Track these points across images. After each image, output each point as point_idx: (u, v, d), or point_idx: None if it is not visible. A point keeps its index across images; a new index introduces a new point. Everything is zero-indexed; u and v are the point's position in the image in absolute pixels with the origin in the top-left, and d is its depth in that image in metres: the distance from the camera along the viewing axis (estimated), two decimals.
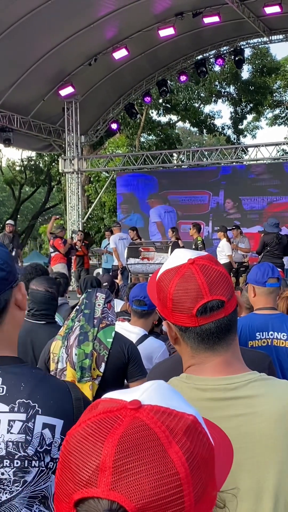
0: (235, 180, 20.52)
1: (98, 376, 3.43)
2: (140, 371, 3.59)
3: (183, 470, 0.71)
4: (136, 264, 14.41)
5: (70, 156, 21.61)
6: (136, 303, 4.19)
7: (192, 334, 1.52)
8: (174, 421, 0.74)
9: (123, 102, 22.49)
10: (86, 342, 3.44)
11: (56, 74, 19.14)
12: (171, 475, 0.70)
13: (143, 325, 4.25)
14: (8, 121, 19.26)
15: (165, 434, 0.72)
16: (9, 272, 1.56)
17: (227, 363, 1.52)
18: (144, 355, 3.82)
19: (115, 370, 3.51)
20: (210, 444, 0.79)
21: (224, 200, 20.71)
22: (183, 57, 21.70)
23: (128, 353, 3.56)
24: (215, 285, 1.50)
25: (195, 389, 1.50)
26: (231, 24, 19.10)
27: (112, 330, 3.56)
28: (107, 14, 16.99)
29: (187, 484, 0.70)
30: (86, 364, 3.40)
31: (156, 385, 0.80)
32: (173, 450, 0.71)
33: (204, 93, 33.17)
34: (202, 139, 46.67)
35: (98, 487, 0.69)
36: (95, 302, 3.63)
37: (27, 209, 47.49)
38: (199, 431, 0.77)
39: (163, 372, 2.35)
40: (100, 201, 26.15)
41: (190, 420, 0.76)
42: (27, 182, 39.12)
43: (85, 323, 3.52)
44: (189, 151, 22.33)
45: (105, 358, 3.45)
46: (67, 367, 3.43)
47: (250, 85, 32.46)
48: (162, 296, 1.57)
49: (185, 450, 0.72)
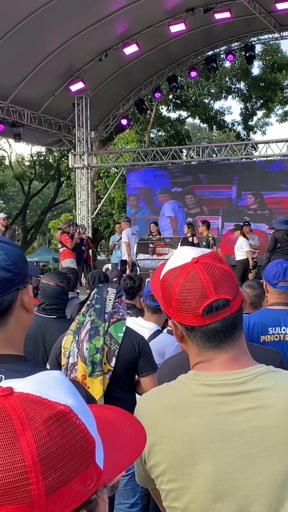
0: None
1: (109, 370, 3.45)
2: (150, 365, 3.60)
3: (30, 457, 0.70)
4: (145, 260, 14.43)
5: (80, 151, 21.61)
6: (150, 298, 4.19)
7: (198, 333, 1.52)
8: (38, 410, 0.74)
9: (133, 97, 22.46)
10: (97, 337, 3.46)
11: (67, 69, 19.14)
12: (16, 461, 0.70)
13: (156, 321, 4.26)
14: (19, 116, 19.29)
15: (22, 421, 0.72)
16: (17, 274, 1.56)
17: (234, 358, 1.53)
18: (156, 350, 3.84)
19: (126, 365, 3.53)
20: (83, 436, 0.76)
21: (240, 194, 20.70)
22: (194, 53, 21.64)
23: (139, 348, 3.57)
24: (220, 284, 1.50)
25: (203, 385, 1.51)
26: (242, 20, 19.03)
27: (123, 325, 3.58)
28: (118, 9, 16.96)
29: (34, 472, 0.70)
30: (97, 358, 3.42)
31: (42, 375, 0.80)
32: (25, 437, 0.71)
33: (214, 89, 33.08)
34: (212, 135, 46.56)
35: None
36: (106, 297, 3.65)
37: (36, 204, 47.54)
38: (68, 422, 0.75)
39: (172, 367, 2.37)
40: (110, 196, 26.15)
41: (58, 410, 0.75)
42: (37, 177, 39.18)
43: (96, 318, 3.54)
44: (199, 147, 22.30)
45: (116, 353, 3.47)
46: (78, 362, 3.46)
47: (261, 81, 32.32)
48: (167, 295, 1.57)
49: (39, 438, 0.72)
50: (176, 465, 1.47)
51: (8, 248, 1.59)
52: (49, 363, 3.72)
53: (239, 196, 20.59)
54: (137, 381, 3.67)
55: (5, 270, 1.54)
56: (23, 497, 0.69)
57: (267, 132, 38.69)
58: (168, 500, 1.52)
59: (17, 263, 1.57)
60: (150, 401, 1.62)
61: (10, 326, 1.56)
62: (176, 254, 1.61)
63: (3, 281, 1.53)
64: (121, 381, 3.54)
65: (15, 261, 1.57)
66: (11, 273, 1.55)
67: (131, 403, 3.59)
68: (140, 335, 3.71)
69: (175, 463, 1.47)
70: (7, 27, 15.82)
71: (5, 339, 1.56)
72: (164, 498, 1.54)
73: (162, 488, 1.53)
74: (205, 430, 1.46)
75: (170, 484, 1.49)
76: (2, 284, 1.53)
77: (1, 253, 1.56)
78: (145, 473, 1.61)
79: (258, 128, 37.92)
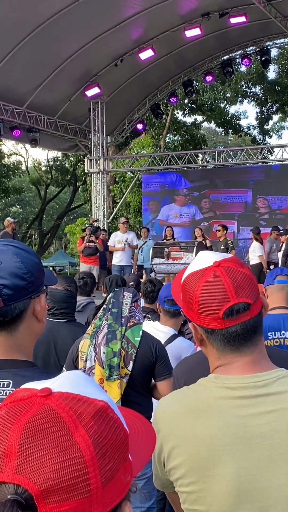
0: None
1: (126, 374, 3.46)
2: (167, 370, 3.60)
3: (88, 452, 0.72)
4: (161, 264, 14.43)
5: (96, 156, 21.68)
6: (169, 302, 4.19)
7: (218, 336, 1.53)
8: (83, 407, 0.76)
9: (149, 102, 22.49)
10: (114, 341, 3.47)
11: (83, 74, 19.23)
12: (75, 457, 0.72)
13: (173, 325, 4.27)
14: (35, 121, 19.39)
15: (72, 419, 0.74)
16: (31, 282, 1.56)
17: (254, 362, 1.53)
18: (173, 355, 3.84)
19: (142, 369, 3.53)
20: (122, 430, 0.79)
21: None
22: (209, 58, 21.62)
23: (156, 352, 3.58)
24: (241, 288, 1.51)
25: (224, 388, 1.51)
26: (258, 24, 18.99)
27: (140, 329, 3.59)
28: (133, 15, 17.02)
29: (92, 466, 0.72)
30: (114, 362, 3.43)
31: (69, 375, 0.82)
32: (79, 434, 0.73)
33: (229, 93, 33.04)
34: (227, 139, 46.49)
35: (4, 472, 0.71)
36: (123, 301, 3.66)
37: (53, 209, 47.75)
38: (109, 416, 0.78)
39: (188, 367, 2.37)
40: (125, 201, 26.19)
41: (100, 406, 0.77)
42: (53, 182, 39.35)
43: (113, 322, 3.55)
44: (215, 152, 22.27)
45: (133, 357, 3.47)
46: (95, 366, 3.47)
47: (276, 85, 32.22)
48: (188, 298, 1.58)
49: (92, 433, 0.74)
50: (197, 468, 1.47)
51: (25, 255, 1.58)
52: (66, 367, 3.73)
53: (254, 201, 20.53)
54: (153, 385, 3.68)
55: (19, 278, 1.54)
56: (84, 491, 0.71)
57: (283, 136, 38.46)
58: (187, 502, 1.52)
59: (32, 271, 1.57)
60: (171, 404, 1.62)
61: (20, 333, 1.57)
62: (198, 258, 1.63)
63: (16, 288, 1.53)
64: (138, 385, 3.55)
65: (30, 269, 1.56)
66: (25, 282, 1.54)
67: (147, 407, 3.60)
68: (156, 339, 3.71)
69: (196, 466, 1.47)
70: (23, 33, 15.93)
71: (14, 345, 1.56)
72: (184, 501, 1.53)
73: (181, 490, 1.53)
74: (226, 433, 1.46)
75: (190, 487, 1.49)
76: (14, 291, 1.53)
77: (18, 260, 1.55)
78: (163, 476, 1.62)
79: (274, 132, 37.87)
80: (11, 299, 1.52)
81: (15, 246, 1.59)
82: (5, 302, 1.51)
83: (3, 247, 1.57)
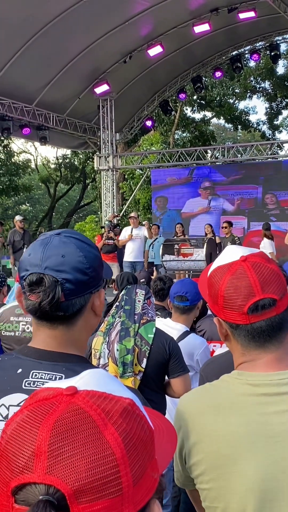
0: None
1: (139, 371, 3.45)
2: (181, 367, 3.59)
3: (119, 450, 0.71)
4: (171, 261, 14.41)
5: (105, 153, 21.69)
6: (178, 299, 4.18)
7: (242, 331, 1.52)
8: (110, 404, 0.75)
9: (158, 99, 22.47)
10: (127, 338, 3.46)
11: (91, 72, 19.22)
12: (106, 455, 0.70)
13: (185, 322, 4.25)
14: (44, 119, 19.42)
15: (101, 417, 0.73)
16: (92, 277, 1.53)
17: (278, 359, 1.52)
18: (185, 351, 3.82)
19: (156, 366, 3.52)
20: (148, 427, 0.79)
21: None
22: (218, 53, 21.57)
23: (169, 349, 3.57)
24: (267, 283, 1.49)
25: (247, 384, 1.50)
26: (267, 19, 18.89)
27: (153, 326, 3.58)
28: (142, 11, 16.98)
29: (123, 464, 0.71)
30: (128, 359, 3.42)
31: (93, 373, 0.81)
32: (109, 432, 0.72)
33: (239, 88, 32.93)
34: (237, 135, 46.38)
35: (34, 472, 0.70)
36: (135, 299, 3.65)
37: (62, 206, 47.79)
38: (136, 413, 0.77)
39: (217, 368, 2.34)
40: (135, 198, 26.18)
41: (127, 403, 0.77)
42: (62, 180, 39.40)
43: (126, 319, 3.54)
44: (224, 148, 22.22)
45: (147, 354, 3.46)
46: (109, 363, 3.46)
47: (286, 80, 32.12)
48: (213, 292, 1.57)
49: (121, 431, 0.73)
50: (217, 464, 1.46)
51: (87, 249, 1.55)
52: None
53: (264, 197, 20.45)
54: (167, 382, 3.67)
55: (82, 273, 1.50)
56: (116, 490, 0.70)
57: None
58: (208, 500, 1.51)
59: (94, 266, 1.54)
60: (193, 400, 1.61)
61: (77, 328, 1.55)
62: (225, 252, 1.62)
63: (78, 283, 1.50)
64: (152, 382, 3.54)
65: (92, 264, 1.53)
66: (87, 277, 1.51)
67: (161, 404, 3.59)
68: (170, 336, 3.70)
69: (217, 462, 1.46)
70: (32, 32, 15.94)
71: (71, 339, 1.55)
72: (204, 498, 1.52)
73: (202, 487, 1.52)
74: (248, 430, 1.44)
75: (210, 484, 1.48)
76: (76, 286, 1.50)
77: (81, 254, 1.52)
78: (184, 473, 1.60)
79: (284, 127, 37.68)
80: (72, 294, 1.49)
81: (77, 238, 1.56)
82: (67, 297, 1.48)
83: (66, 239, 1.53)
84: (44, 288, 1.46)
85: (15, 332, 4.71)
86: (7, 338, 4.73)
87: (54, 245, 1.51)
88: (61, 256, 1.49)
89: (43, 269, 1.47)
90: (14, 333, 4.71)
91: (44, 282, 1.46)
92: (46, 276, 1.47)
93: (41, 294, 1.47)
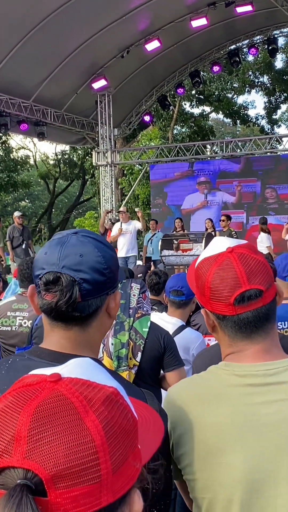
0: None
1: (134, 365, 3.45)
2: (176, 360, 3.60)
3: (99, 437, 0.71)
4: (170, 256, 14.42)
5: (104, 149, 21.66)
6: (174, 293, 4.19)
7: (229, 322, 1.52)
8: (93, 392, 0.75)
9: (156, 94, 22.43)
10: (122, 332, 3.46)
11: (89, 67, 19.18)
12: (86, 442, 0.71)
13: (180, 316, 4.25)
14: (42, 115, 19.39)
15: (82, 404, 0.73)
16: (109, 278, 1.49)
17: (265, 350, 1.52)
18: (181, 346, 3.82)
19: (151, 360, 3.52)
20: (132, 416, 0.79)
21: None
22: (216, 48, 21.53)
23: (164, 343, 3.57)
24: (253, 274, 1.49)
25: (234, 375, 1.50)
26: (264, 13, 18.88)
27: (148, 320, 3.57)
28: (139, 5, 16.94)
29: (103, 452, 0.71)
30: (122, 353, 3.42)
31: (78, 361, 0.81)
32: (90, 419, 0.72)
33: (237, 83, 32.89)
34: (236, 130, 46.33)
35: (13, 456, 0.70)
36: (130, 293, 3.64)
37: (62, 202, 47.78)
38: (119, 402, 0.77)
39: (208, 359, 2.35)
40: (134, 193, 26.17)
41: (110, 392, 0.77)
42: (61, 176, 39.38)
43: (120, 313, 3.53)
44: (223, 142, 22.20)
45: (142, 348, 3.46)
46: (104, 357, 3.46)
47: (284, 74, 32.09)
48: (200, 284, 1.57)
49: (102, 418, 0.73)
50: (204, 455, 1.46)
51: (104, 249, 1.51)
52: None
53: (263, 190, 20.44)
54: (162, 376, 3.67)
55: (99, 273, 1.47)
56: (94, 477, 0.70)
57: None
58: (195, 491, 1.51)
59: (111, 266, 1.50)
60: (180, 391, 1.61)
61: (92, 329, 1.51)
62: (212, 244, 1.62)
63: (95, 284, 1.46)
64: (147, 376, 3.54)
65: (110, 264, 1.50)
66: (104, 277, 1.48)
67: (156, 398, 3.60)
68: (165, 330, 3.70)
69: (204, 453, 1.46)
70: (29, 27, 15.90)
71: (85, 341, 1.51)
72: (192, 489, 1.52)
73: (189, 478, 1.52)
74: (234, 420, 1.45)
75: (197, 474, 1.48)
76: (93, 287, 1.46)
77: (99, 254, 1.48)
78: (172, 465, 1.61)
79: (283, 121, 37.66)
80: (89, 294, 1.45)
81: (94, 238, 1.52)
82: (83, 298, 1.44)
83: (84, 239, 1.50)
84: (61, 288, 1.42)
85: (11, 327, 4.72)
86: (4, 333, 4.74)
87: (72, 244, 1.47)
88: (79, 256, 1.45)
89: (60, 268, 1.43)
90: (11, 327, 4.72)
91: (61, 281, 1.43)
92: (64, 275, 1.43)
93: (57, 294, 1.43)
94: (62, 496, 0.69)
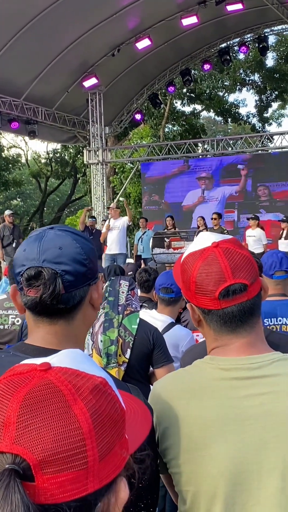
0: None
1: (124, 362, 3.46)
2: (165, 357, 3.61)
3: (87, 425, 0.73)
4: (161, 254, 14.44)
5: (95, 147, 21.65)
6: (163, 290, 4.19)
7: (214, 316, 1.53)
8: (82, 381, 0.77)
9: (147, 92, 22.43)
10: (111, 329, 3.47)
11: (80, 65, 19.16)
12: (74, 429, 0.73)
13: (170, 313, 4.26)
14: (33, 113, 19.36)
15: (71, 392, 0.75)
16: (90, 269, 1.50)
17: (250, 344, 1.53)
18: (170, 343, 3.83)
19: (140, 356, 3.54)
20: (119, 406, 0.81)
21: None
22: (207, 46, 21.55)
23: (153, 340, 3.58)
24: (238, 269, 1.50)
25: (218, 369, 1.51)
26: (255, 11, 18.89)
27: (137, 317, 3.59)
28: (130, 4, 16.92)
29: (90, 439, 0.73)
30: (112, 350, 3.43)
31: (68, 352, 0.84)
32: (78, 407, 0.74)
33: (228, 81, 32.91)
34: (227, 128, 46.36)
35: (2, 441, 0.72)
36: (119, 290, 3.66)
37: (53, 201, 47.70)
38: (107, 392, 0.79)
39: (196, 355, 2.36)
40: (125, 192, 26.16)
41: (98, 381, 0.79)
42: (53, 175, 39.27)
43: (109, 310, 3.55)
44: (214, 140, 22.22)
45: (131, 344, 3.48)
46: (93, 354, 3.47)
47: (275, 72, 32.07)
48: (186, 278, 1.58)
49: (90, 407, 0.75)
50: (188, 448, 1.47)
51: (82, 241, 1.52)
52: None
53: (254, 188, 20.47)
54: (151, 373, 3.68)
55: (80, 264, 1.48)
56: (81, 463, 0.72)
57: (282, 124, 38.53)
58: (179, 484, 1.52)
59: (90, 257, 1.52)
60: (165, 385, 1.63)
61: (76, 322, 1.52)
62: (198, 239, 1.63)
63: (77, 275, 1.47)
64: (136, 373, 3.55)
65: (89, 255, 1.51)
66: (85, 268, 1.49)
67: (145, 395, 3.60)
68: (153, 327, 3.71)
69: (188, 446, 1.47)
70: (20, 25, 15.86)
71: (71, 334, 1.52)
72: (177, 482, 1.53)
73: (174, 471, 1.52)
74: (219, 414, 1.46)
75: (182, 467, 1.49)
76: (76, 278, 1.46)
77: (78, 246, 1.49)
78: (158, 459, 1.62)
79: (274, 120, 37.72)
80: (72, 285, 1.46)
81: (71, 231, 1.53)
82: (67, 289, 1.45)
83: (61, 232, 1.51)
84: (44, 281, 1.43)
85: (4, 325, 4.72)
86: None
87: (50, 238, 1.48)
88: (58, 248, 1.46)
89: (41, 262, 1.44)
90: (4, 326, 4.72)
91: (43, 275, 1.43)
92: (45, 269, 1.43)
93: (41, 288, 1.43)
94: (49, 481, 0.70)
